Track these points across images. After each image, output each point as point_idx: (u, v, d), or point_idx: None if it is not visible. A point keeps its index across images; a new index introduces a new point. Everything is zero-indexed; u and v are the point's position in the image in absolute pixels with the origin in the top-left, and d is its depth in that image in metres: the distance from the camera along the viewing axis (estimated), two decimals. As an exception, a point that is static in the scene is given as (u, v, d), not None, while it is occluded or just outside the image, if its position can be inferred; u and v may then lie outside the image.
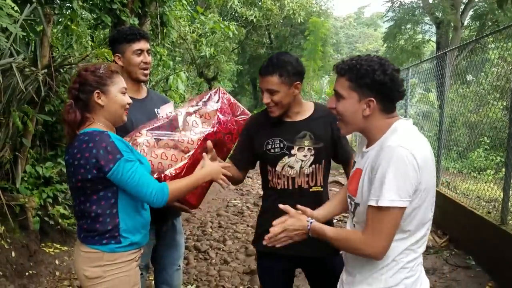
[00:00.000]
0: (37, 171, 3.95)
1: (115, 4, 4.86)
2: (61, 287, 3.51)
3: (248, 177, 8.52)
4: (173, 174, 1.95)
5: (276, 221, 1.64)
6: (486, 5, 13.67)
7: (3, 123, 3.46)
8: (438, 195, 5.51)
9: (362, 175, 1.53)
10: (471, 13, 14.46)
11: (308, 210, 1.71)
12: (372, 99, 1.47)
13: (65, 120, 1.72)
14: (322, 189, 2.05)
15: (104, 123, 1.76)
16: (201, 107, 2.15)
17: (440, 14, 14.11)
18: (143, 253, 1.94)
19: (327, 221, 1.81)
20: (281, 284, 2.15)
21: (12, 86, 3.41)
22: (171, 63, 7.60)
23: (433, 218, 1.55)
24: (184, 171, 1.97)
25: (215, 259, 4.43)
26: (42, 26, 3.63)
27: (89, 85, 1.71)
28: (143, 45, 2.23)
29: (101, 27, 5.72)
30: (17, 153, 3.69)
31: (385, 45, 18.26)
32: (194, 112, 2.14)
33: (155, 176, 1.93)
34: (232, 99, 2.27)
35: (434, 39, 16.33)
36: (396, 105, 1.56)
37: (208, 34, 10.78)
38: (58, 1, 4.80)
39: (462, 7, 14.27)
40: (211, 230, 5.40)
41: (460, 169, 7.88)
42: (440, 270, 4.18)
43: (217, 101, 2.16)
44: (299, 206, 1.72)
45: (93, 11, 4.93)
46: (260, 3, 15.22)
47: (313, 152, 2.00)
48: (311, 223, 1.59)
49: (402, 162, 1.37)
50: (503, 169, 4.15)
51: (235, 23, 12.00)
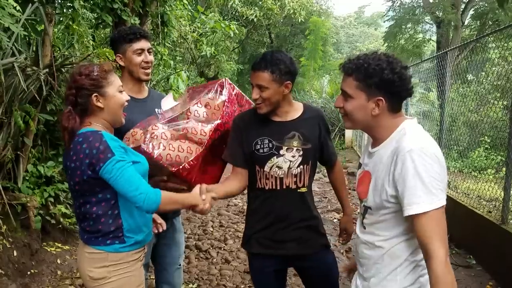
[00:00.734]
0: (38, 170, 3.96)
1: (116, 4, 4.87)
2: (62, 286, 3.52)
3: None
4: (191, 165, 1.97)
5: None
6: (486, 5, 13.66)
7: (5, 123, 3.47)
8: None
9: (372, 179, 1.50)
10: (471, 12, 14.45)
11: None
12: (381, 98, 1.44)
13: (65, 127, 1.68)
14: (307, 189, 2.05)
15: (103, 124, 1.74)
16: (208, 98, 2.16)
17: (441, 14, 14.10)
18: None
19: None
20: (274, 284, 2.14)
21: (14, 86, 3.42)
22: (171, 62, 7.61)
23: None
24: (200, 161, 2.00)
25: (216, 258, 4.43)
26: (43, 26, 3.63)
27: (86, 89, 1.68)
28: (144, 44, 2.23)
29: (102, 26, 5.73)
30: (18, 152, 3.70)
31: (385, 44, 18.23)
32: (200, 103, 2.14)
33: (173, 169, 1.93)
34: (237, 89, 2.28)
35: (434, 38, 16.31)
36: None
37: (209, 34, 10.79)
38: (60, 1, 4.81)
39: (463, 6, 14.25)
40: (212, 229, 5.41)
41: (461, 169, 7.88)
42: (440, 269, 4.19)
43: (224, 92, 2.17)
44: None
45: (94, 10, 4.94)
46: (260, 3, 15.23)
47: (301, 152, 1.98)
48: None
49: (423, 163, 1.35)
50: (504, 169, 4.16)
51: (236, 23, 12.00)
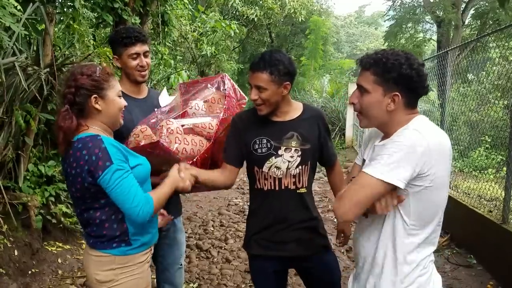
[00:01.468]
0: (39, 169, 3.96)
1: (116, 3, 4.87)
2: (63, 285, 3.52)
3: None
4: (203, 158, 2.01)
5: None
6: (487, 4, 13.65)
7: (6, 122, 3.47)
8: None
9: None
10: (472, 11, 14.44)
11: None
12: (398, 93, 1.44)
13: (60, 127, 1.62)
14: (306, 190, 2.03)
15: (101, 127, 1.71)
16: (210, 92, 2.19)
17: (441, 13, 14.09)
18: None
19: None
20: (274, 285, 2.13)
21: (14, 85, 3.42)
22: (172, 62, 7.61)
23: None
24: (209, 154, 2.04)
25: (217, 258, 4.44)
26: (44, 25, 3.63)
27: (86, 89, 1.64)
28: (139, 48, 2.21)
29: (102, 26, 5.73)
30: (19, 152, 3.70)
31: (386, 44, 18.22)
32: (202, 97, 2.17)
33: (189, 163, 1.96)
34: (234, 83, 2.30)
35: (435, 38, 16.31)
36: None
37: (209, 33, 10.79)
38: (60, 0, 4.81)
39: (463, 5, 14.24)
40: (212, 229, 5.41)
41: (461, 168, 7.88)
42: (441, 268, 4.19)
43: (226, 87, 2.20)
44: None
45: (94, 10, 4.94)
46: (261, 2, 15.22)
47: (300, 153, 1.97)
48: None
49: (408, 143, 1.37)
50: (504, 168, 4.16)
51: (236, 22, 11.99)
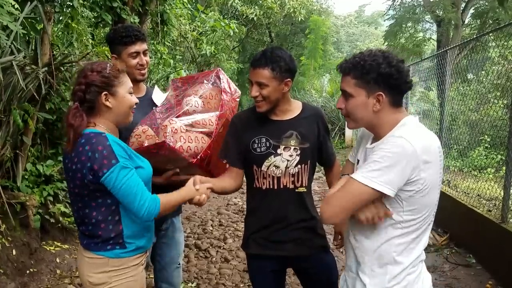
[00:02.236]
0: (37, 169, 3.95)
1: (115, 2, 4.86)
2: (62, 285, 3.51)
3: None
4: (206, 154, 2.01)
5: None
6: (487, 3, 13.64)
7: (4, 121, 3.47)
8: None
9: None
10: (472, 11, 14.42)
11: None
12: (381, 93, 1.45)
13: (71, 125, 1.60)
14: (306, 189, 2.02)
15: (107, 125, 1.69)
16: (206, 88, 2.19)
17: (441, 12, 14.08)
18: None
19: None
20: (273, 285, 2.13)
21: (12, 84, 3.41)
22: (171, 61, 7.60)
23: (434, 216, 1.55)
24: (211, 150, 2.04)
25: (215, 257, 4.43)
26: (42, 24, 3.62)
27: (96, 86, 1.63)
28: (139, 47, 2.21)
29: (101, 25, 5.72)
30: (17, 151, 3.69)
31: (386, 43, 18.20)
32: (197, 94, 2.17)
33: (193, 160, 1.96)
34: (228, 78, 2.31)
35: (434, 37, 16.30)
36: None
37: (209, 33, 10.78)
38: (59, -1, 4.80)
39: (463, 5, 14.23)
40: (211, 229, 5.40)
41: (461, 168, 7.86)
42: (440, 268, 4.19)
43: (219, 82, 2.20)
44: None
45: (93, 9, 4.93)
46: (260, 1, 15.20)
47: (299, 152, 1.96)
48: None
49: (397, 150, 1.37)
50: (504, 168, 4.15)
51: (236, 21, 11.99)
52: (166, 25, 6.51)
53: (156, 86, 2.48)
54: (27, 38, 3.86)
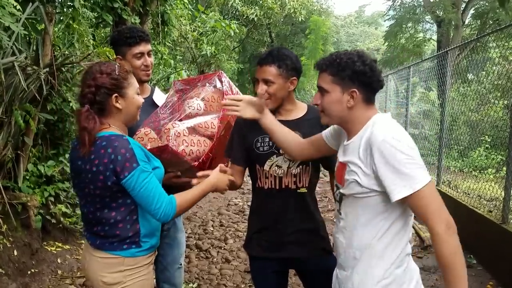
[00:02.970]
0: (39, 169, 3.96)
1: (116, 3, 4.87)
2: (63, 285, 3.52)
3: (248, 176, 8.51)
4: (208, 157, 2.01)
5: None
6: (487, 4, 13.66)
7: (5, 122, 3.47)
8: (439, 194, 5.54)
9: (347, 169, 1.57)
10: (472, 11, 14.44)
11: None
12: (355, 89, 1.52)
13: (84, 128, 1.60)
14: (307, 190, 2.01)
15: (119, 125, 1.71)
16: (209, 90, 2.19)
17: (441, 13, 14.10)
18: None
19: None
20: (275, 286, 2.12)
21: (14, 85, 3.42)
22: (172, 61, 7.61)
23: None
24: (213, 153, 2.04)
25: (216, 258, 4.43)
26: (44, 25, 3.63)
27: (106, 88, 1.64)
28: (143, 47, 2.21)
29: (102, 25, 5.73)
30: (19, 151, 3.70)
31: (386, 43, 18.23)
32: (200, 96, 2.17)
33: (195, 163, 1.96)
34: (229, 80, 2.31)
35: (435, 37, 16.32)
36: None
37: (209, 33, 10.79)
38: (60, 0, 4.80)
39: (463, 5, 14.26)
40: (212, 229, 5.41)
41: (461, 168, 7.88)
42: (441, 268, 4.19)
43: (221, 85, 2.20)
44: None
45: (94, 9, 4.94)
46: (261, 2, 15.22)
47: None
48: None
49: (404, 147, 1.44)
50: (504, 168, 4.16)
51: (236, 22, 11.99)
52: (167, 26, 6.52)
53: (156, 87, 2.48)
54: (28, 39, 3.87)
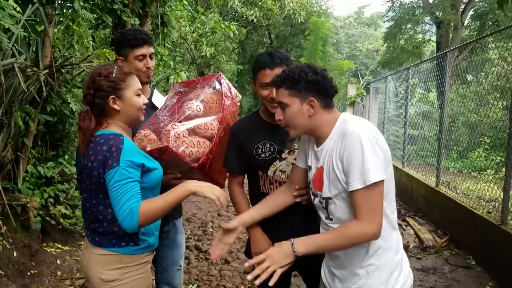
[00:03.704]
0: (38, 171, 3.96)
1: (116, 4, 4.87)
2: (62, 286, 3.52)
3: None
4: (207, 159, 2.01)
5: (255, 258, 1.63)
6: (486, 5, 13.66)
7: (5, 123, 3.47)
8: (439, 195, 5.56)
9: (325, 171, 1.61)
10: (471, 13, 14.45)
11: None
12: (312, 98, 1.60)
13: (80, 128, 1.67)
14: None
15: (121, 126, 1.74)
16: (208, 92, 2.19)
17: (441, 14, 14.10)
18: None
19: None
20: None
21: (14, 86, 3.42)
22: (171, 63, 7.62)
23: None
24: (213, 155, 2.04)
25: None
26: (43, 27, 3.63)
27: (103, 90, 1.67)
28: (146, 50, 2.21)
29: (102, 27, 5.74)
30: (18, 153, 3.70)
31: (385, 45, 18.25)
32: (199, 98, 2.17)
33: (195, 165, 1.96)
34: (228, 82, 2.31)
35: (434, 39, 16.31)
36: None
37: (209, 34, 10.80)
38: (60, 1, 4.81)
39: (463, 7, 14.26)
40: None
41: (460, 169, 7.89)
42: (440, 269, 4.19)
43: (220, 87, 2.21)
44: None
45: (94, 11, 4.93)
46: (260, 3, 15.24)
47: None
48: (292, 243, 1.59)
49: (370, 142, 1.49)
50: (503, 169, 4.16)
51: (236, 23, 12.01)
52: (166, 27, 6.51)
53: (155, 89, 2.49)
54: (28, 41, 3.88)
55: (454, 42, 12.97)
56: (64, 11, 4.83)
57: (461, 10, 14.06)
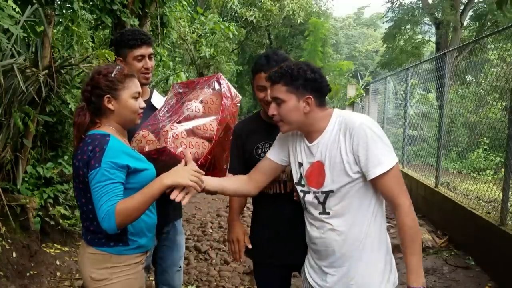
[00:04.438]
0: (37, 171, 3.96)
1: (115, 5, 4.87)
2: (62, 287, 3.52)
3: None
4: (206, 160, 2.01)
5: None
6: (485, 6, 13.67)
7: (4, 124, 3.47)
8: (438, 195, 5.56)
9: (326, 164, 1.64)
10: (470, 13, 14.46)
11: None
12: (310, 96, 1.62)
13: (74, 123, 1.71)
14: None
15: (115, 126, 1.73)
16: (207, 93, 2.19)
17: (440, 15, 14.12)
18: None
19: None
20: None
21: (13, 87, 3.42)
22: (171, 63, 7.62)
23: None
24: (212, 156, 2.04)
25: (215, 260, 4.44)
26: (43, 27, 3.63)
27: (100, 89, 1.68)
28: (145, 50, 2.21)
29: (101, 27, 5.74)
30: (18, 153, 3.70)
31: (384, 45, 18.26)
32: (198, 98, 2.17)
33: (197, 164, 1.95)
34: (228, 83, 2.30)
35: (433, 39, 16.33)
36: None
37: (208, 35, 10.81)
38: (59, 2, 4.81)
39: (462, 7, 14.27)
40: (211, 231, 5.41)
41: (460, 170, 7.89)
42: (439, 270, 4.19)
43: (220, 87, 2.20)
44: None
45: (93, 11, 4.93)
46: (260, 4, 15.26)
47: None
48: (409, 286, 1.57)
49: (379, 130, 1.59)
50: (503, 170, 4.17)
51: (235, 24, 12.03)
52: (166, 28, 6.52)
53: (155, 90, 2.49)
54: (27, 41, 3.88)
55: (454, 43, 12.98)
56: (64, 11, 4.83)
57: (460, 10, 14.07)
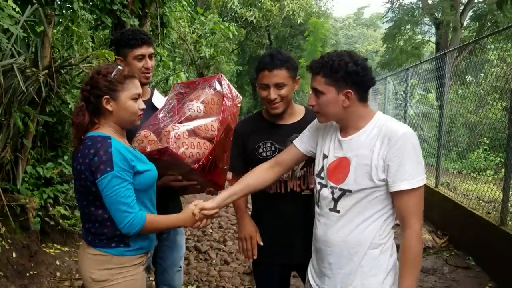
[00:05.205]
0: (37, 171, 3.95)
1: (115, 5, 4.87)
2: (62, 287, 3.52)
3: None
4: (207, 160, 2.00)
5: None
6: (485, 6, 13.68)
7: (4, 124, 3.47)
8: (438, 195, 5.56)
9: (352, 163, 1.59)
10: (470, 13, 14.48)
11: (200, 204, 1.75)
12: (350, 90, 1.55)
13: (73, 123, 1.69)
14: (311, 192, 2.01)
15: (113, 127, 1.72)
16: (208, 93, 2.19)
17: (440, 15, 14.14)
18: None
19: None
20: None
21: (13, 87, 3.41)
22: (171, 63, 7.61)
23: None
24: (213, 156, 2.03)
25: (215, 260, 4.43)
26: (43, 27, 3.63)
27: (99, 89, 1.67)
28: (145, 50, 2.21)
29: (101, 28, 5.73)
30: (18, 153, 3.69)
31: (384, 45, 18.28)
32: (199, 98, 2.17)
33: (195, 166, 1.95)
34: (229, 83, 2.31)
35: (433, 39, 16.35)
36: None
37: (208, 35, 10.81)
38: (59, 2, 4.81)
39: (462, 7, 14.29)
40: (211, 231, 5.41)
41: (460, 170, 7.89)
42: (440, 270, 4.19)
43: (221, 88, 2.20)
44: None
45: (93, 12, 4.93)
46: (259, 4, 15.26)
47: None
48: None
49: (418, 145, 1.54)
50: (503, 170, 4.16)
51: (235, 24, 12.03)
52: (166, 28, 6.52)
53: (156, 90, 2.49)
54: (27, 41, 3.87)
55: (454, 43, 12.99)
56: (64, 11, 4.83)
57: (460, 11, 14.09)
